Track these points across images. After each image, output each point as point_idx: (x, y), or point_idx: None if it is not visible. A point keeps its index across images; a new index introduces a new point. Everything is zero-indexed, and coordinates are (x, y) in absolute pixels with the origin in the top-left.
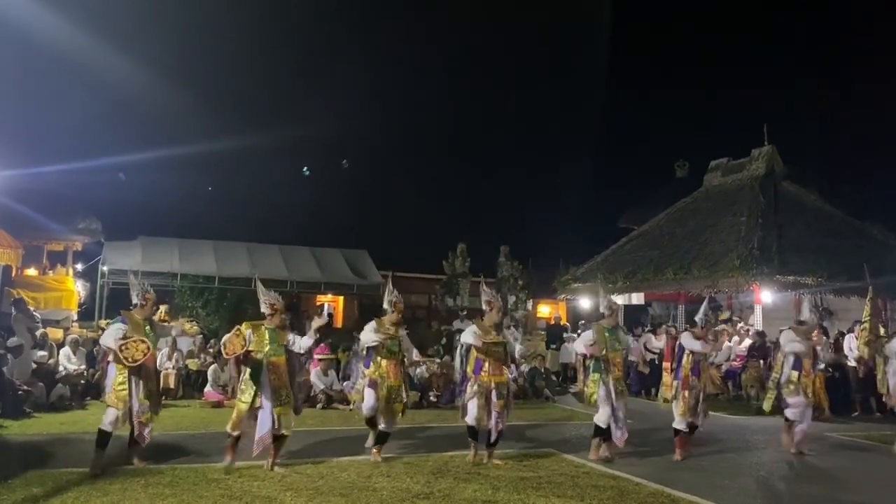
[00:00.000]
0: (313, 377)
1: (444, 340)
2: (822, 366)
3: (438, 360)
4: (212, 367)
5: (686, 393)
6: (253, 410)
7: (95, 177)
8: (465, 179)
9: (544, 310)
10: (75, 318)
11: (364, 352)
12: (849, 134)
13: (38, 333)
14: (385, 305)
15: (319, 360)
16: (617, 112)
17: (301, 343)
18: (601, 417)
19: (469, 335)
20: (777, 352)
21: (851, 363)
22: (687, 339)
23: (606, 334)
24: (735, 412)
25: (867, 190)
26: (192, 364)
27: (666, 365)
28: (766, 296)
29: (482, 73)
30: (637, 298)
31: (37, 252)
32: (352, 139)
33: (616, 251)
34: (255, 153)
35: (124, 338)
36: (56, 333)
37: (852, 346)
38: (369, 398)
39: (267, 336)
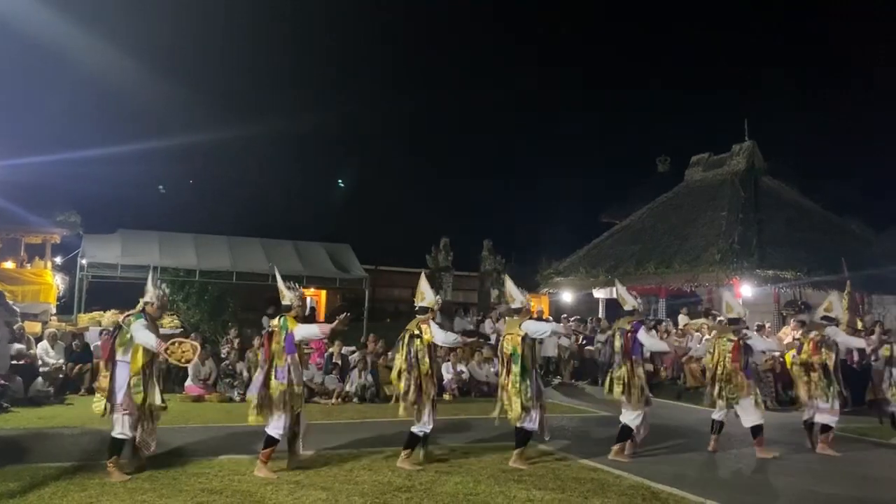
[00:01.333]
0: None
1: None
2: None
3: None
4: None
5: (758, 390)
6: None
7: (75, 169)
8: (449, 175)
9: None
10: (54, 311)
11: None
12: (829, 130)
13: (15, 327)
14: (431, 305)
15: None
16: (600, 108)
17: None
18: (637, 419)
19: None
20: (824, 348)
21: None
22: (759, 341)
23: None
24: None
25: (846, 185)
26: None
27: (735, 366)
28: (745, 290)
29: (466, 70)
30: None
31: (14, 245)
32: (336, 134)
33: (598, 245)
34: (238, 147)
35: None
36: (34, 327)
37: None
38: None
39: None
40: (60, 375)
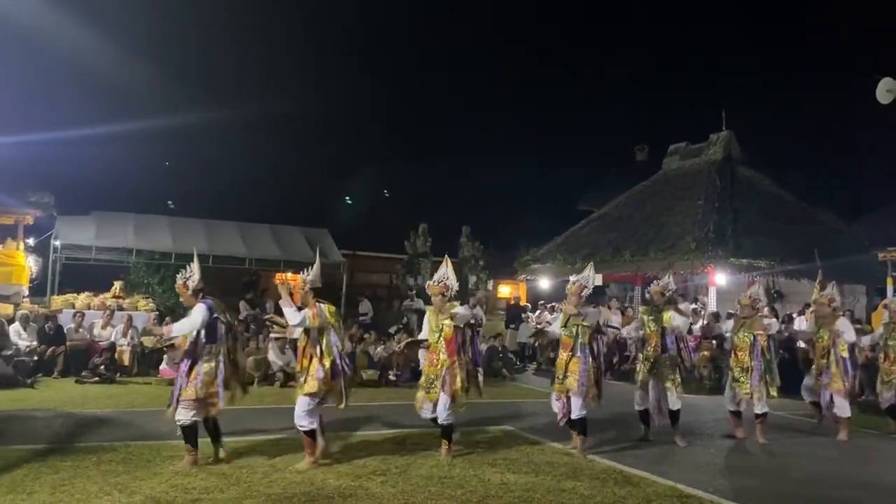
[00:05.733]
0: (271, 355)
1: (404, 319)
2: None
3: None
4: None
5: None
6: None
7: (50, 150)
8: (427, 160)
9: (504, 290)
10: (26, 293)
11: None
12: (803, 122)
13: None
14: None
15: (276, 338)
16: (579, 96)
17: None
18: (636, 401)
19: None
20: (833, 339)
21: (801, 344)
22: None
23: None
24: (687, 391)
25: (819, 176)
26: (148, 341)
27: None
28: (720, 278)
29: (443, 54)
30: (595, 279)
31: None
32: (314, 118)
33: (575, 233)
34: (216, 128)
35: None
36: (6, 309)
37: (802, 328)
38: None
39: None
40: (35, 357)
